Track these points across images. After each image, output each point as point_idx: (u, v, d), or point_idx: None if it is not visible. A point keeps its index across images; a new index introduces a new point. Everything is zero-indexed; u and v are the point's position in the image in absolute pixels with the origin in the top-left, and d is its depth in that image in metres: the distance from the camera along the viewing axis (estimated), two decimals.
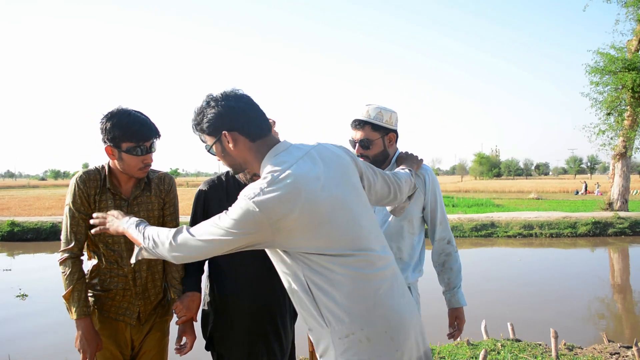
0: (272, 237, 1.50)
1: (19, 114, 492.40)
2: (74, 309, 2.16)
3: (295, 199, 1.46)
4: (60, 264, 2.22)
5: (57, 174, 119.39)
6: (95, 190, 2.25)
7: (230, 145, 1.64)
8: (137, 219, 1.86)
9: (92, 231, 2.06)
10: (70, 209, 2.23)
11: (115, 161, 2.22)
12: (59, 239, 2.30)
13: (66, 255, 2.22)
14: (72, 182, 2.26)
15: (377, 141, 2.37)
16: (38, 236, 15.31)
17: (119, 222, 1.90)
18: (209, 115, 1.65)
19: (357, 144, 2.39)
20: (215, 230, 1.51)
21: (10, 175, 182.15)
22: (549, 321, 6.38)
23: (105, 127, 2.15)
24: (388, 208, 2.34)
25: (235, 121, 1.63)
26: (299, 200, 1.46)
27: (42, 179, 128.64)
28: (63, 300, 2.19)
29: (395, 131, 2.42)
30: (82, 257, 2.27)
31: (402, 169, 2.19)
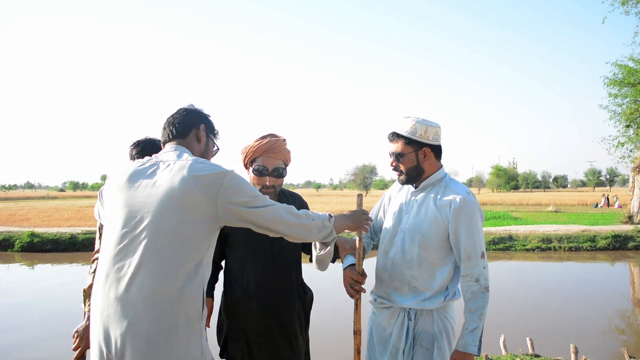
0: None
1: (38, 126, 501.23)
2: (88, 302, 2.37)
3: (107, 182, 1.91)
4: (91, 263, 2.50)
5: (75, 185, 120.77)
6: None
7: None
8: None
9: None
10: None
11: None
12: (78, 250, 2.63)
13: (95, 257, 2.49)
14: None
15: (409, 155, 2.33)
16: (57, 247, 15.45)
17: None
18: None
19: (391, 157, 2.39)
20: None
21: (29, 186, 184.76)
22: (568, 336, 6.29)
23: (132, 153, 2.49)
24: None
25: None
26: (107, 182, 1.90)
27: (61, 190, 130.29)
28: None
29: (431, 146, 2.32)
30: None
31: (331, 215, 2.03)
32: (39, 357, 5.79)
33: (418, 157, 2.34)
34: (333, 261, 2.62)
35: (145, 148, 2.47)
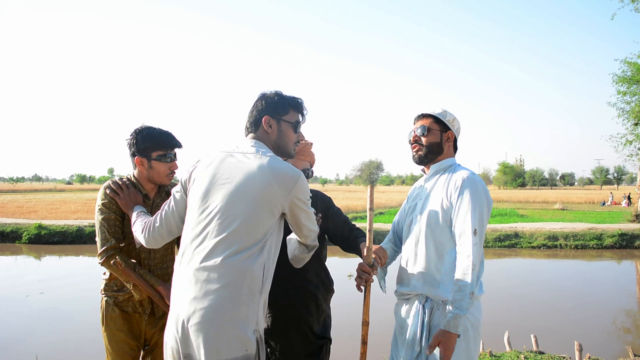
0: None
1: (46, 118, 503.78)
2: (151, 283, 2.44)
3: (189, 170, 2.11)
4: (104, 264, 2.42)
5: (83, 178, 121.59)
6: None
7: None
8: (140, 209, 2.35)
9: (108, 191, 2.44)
10: (103, 212, 2.44)
11: (144, 170, 2.49)
12: (85, 242, 2.56)
13: (109, 253, 2.41)
14: (104, 187, 2.48)
15: (435, 131, 2.43)
16: (64, 239, 15.57)
17: (129, 207, 2.39)
18: None
19: (414, 131, 2.47)
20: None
21: (37, 179, 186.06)
22: (573, 334, 6.29)
23: (135, 141, 2.44)
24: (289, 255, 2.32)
25: None
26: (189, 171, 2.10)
27: (69, 182, 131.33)
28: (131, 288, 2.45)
29: (453, 134, 2.46)
30: (121, 246, 2.49)
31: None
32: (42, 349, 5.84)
33: (442, 137, 2.44)
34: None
35: (148, 133, 2.47)
